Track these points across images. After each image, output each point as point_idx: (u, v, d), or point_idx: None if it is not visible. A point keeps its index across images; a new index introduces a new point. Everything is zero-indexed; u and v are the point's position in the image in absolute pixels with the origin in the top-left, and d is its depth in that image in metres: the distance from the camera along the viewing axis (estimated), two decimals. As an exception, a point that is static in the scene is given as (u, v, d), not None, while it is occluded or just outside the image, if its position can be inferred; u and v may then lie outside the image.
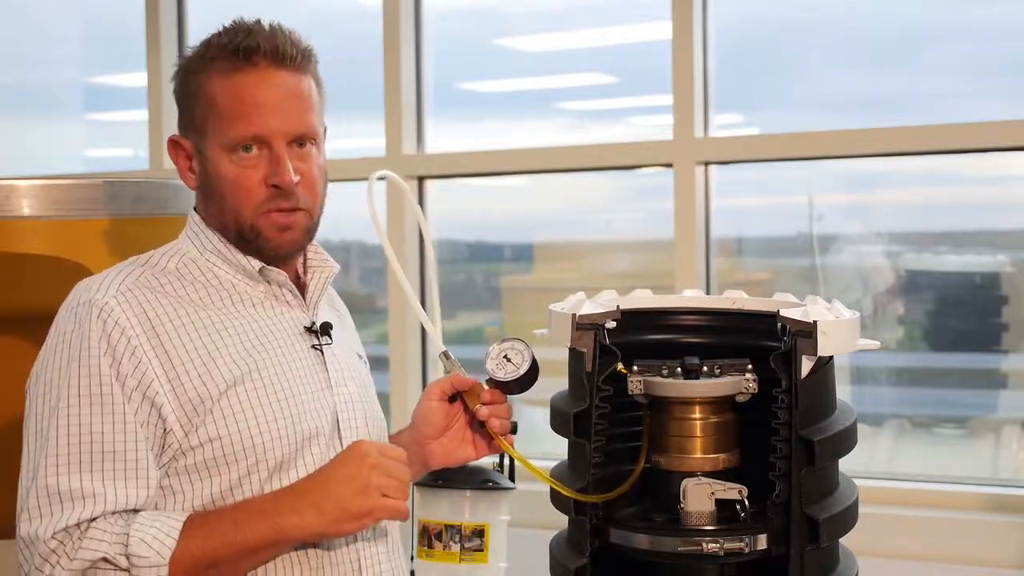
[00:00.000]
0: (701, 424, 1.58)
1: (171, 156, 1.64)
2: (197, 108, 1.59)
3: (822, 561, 1.54)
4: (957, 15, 3.23)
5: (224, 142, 1.56)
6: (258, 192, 1.56)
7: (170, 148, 1.64)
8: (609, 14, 3.66)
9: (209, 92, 1.57)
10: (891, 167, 3.23)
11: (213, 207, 1.60)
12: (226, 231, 1.60)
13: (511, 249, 4.10)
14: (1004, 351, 3.26)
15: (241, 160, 1.56)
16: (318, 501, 1.45)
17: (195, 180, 1.63)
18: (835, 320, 1.53)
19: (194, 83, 1.59)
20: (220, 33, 1.60)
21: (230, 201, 1.57)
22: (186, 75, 1.61)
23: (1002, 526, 2.86)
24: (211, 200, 1.60)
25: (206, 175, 1.60)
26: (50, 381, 1.50)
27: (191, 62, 1.61)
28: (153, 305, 1.53)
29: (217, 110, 1.56)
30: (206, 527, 1.44)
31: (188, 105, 1.61)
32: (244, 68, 1.55)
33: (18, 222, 2.00)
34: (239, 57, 1.55)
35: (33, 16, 4.68)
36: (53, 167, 4.59)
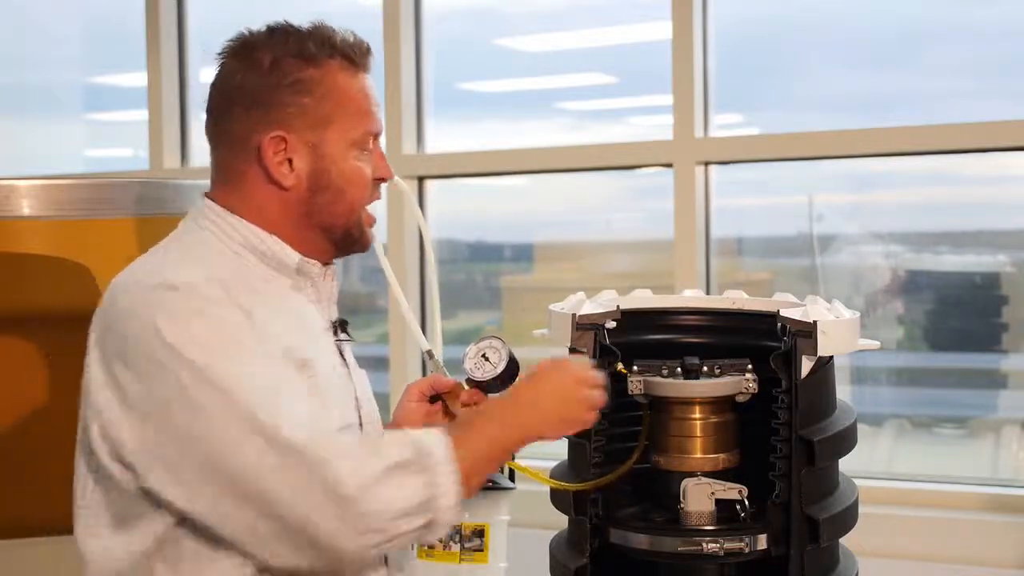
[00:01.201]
0: (701, 424, 1.59)
1: (269, 152, 1.54)
2: (317, 104, 1.54)
3: (822, 561, 1.54)
4: (957, 15, 3.23)
5: (354, 138, 1.56)
6: (369, 187, 1.60)
7: (269, 144, 1.54)
8: (609, 14, 3.66)
9: (335, 90, 1.55)
10: (891, 167, 3.23)
11: (325, 204, 1.56)
12: (330, 228, 1.58)
13: (511, 249, 4.10)
14: (1004, 351, 3.26)
15: (361, 157, 1.58)
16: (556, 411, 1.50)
17: (294, 177, 1.55)
18: (835, 320, 1.53)
19: (311, 77, 1.54)
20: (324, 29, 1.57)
21: (350, 196, 1.57)
22: (298, 65, 1.54)
23: (1002, 526, 2.86)
24: (324, 197, 1.56)
25: (323, 172, 1.56)
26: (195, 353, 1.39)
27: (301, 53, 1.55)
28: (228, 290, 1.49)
29: (348, 105, 1.56)
30: (467, 433, 1.45)
31: (299, 99, 1.54)
32: (362, 70, 1.58)
33: (18, 222, 2.00)
34: (355, 60, 1.57)
35: (33, 16, 4.68)
36: (53, 167, 4.59)
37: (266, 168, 1.54)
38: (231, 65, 1.56)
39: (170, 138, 4.02)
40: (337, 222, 1.58)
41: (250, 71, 1.54)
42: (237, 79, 1.54)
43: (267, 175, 1.54)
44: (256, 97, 1.53)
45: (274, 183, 1.55)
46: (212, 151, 1.60)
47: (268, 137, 1.53)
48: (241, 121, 1.54)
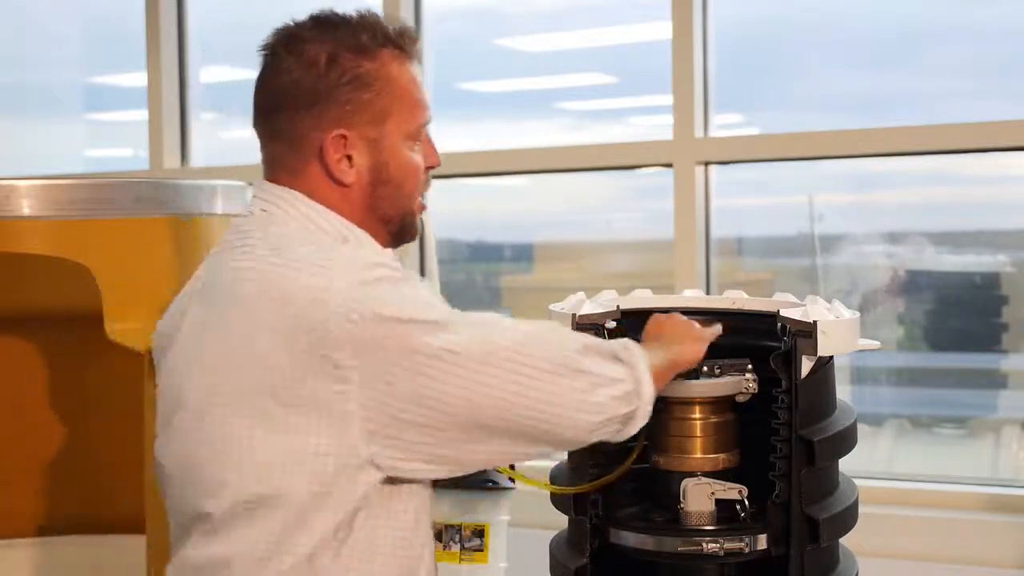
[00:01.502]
0: (701, 424, 1.59)
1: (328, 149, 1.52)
2: (376, 98, 1.52)
3: (822, 561, 1.54)
4: (957, 15, 3.23)
5: (410, 130, 1.56)
6: (423, 176, 1.61)
7: (331, 144, 1.52)
8: (609, 14, 3.66)
9: (392, 82, 1.53)
10: (891, 167, 3.23)
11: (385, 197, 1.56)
12: (387, 220, 1.57)
13: (511, 249, 4.10)
14: (1004, 351, 3.26)
15: (414, 148, 1.58)
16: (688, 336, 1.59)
17: (355, 173, 1.54)
18: (835, 320, 1.53)
19: (368, 71, 1.52)
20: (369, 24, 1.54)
21: (407, 188, 1.58)
22: (355, 59, 1.52)
23: (1002, 526, 2.86)
24: (385, 190, 1.56)
25: (382, 166, 1.55)
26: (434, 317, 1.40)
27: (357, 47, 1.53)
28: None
29: (405, 97, 1.54)
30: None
31: (358, 95, 1.52)
32: (410, 60, 1.56)
33: (18, 222, 2.00)
34: (406, 49, 1.55)
35: (33, 16, 4.68)
36: (53, 167, 4.59)
37: (327, 166, 1.52)
38: (284, 61, 1.52)
39: (170, 138, 4.02)
40: (396, 214, 1.58)
41: (305, 68, 1.51)
42: (293, 76, 1.51)
43: (327, 172, 1.52)
44: (315, 96, 1.51)
45: (335, 180, 1.53)
46: (265, 145, 1.57)
47: (330, 137, 1.51)
48: (300, 120, 1.51)
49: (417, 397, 1.36)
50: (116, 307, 1.99)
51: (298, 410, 1.36)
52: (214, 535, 1.41)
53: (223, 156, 4.09)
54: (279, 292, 1.39)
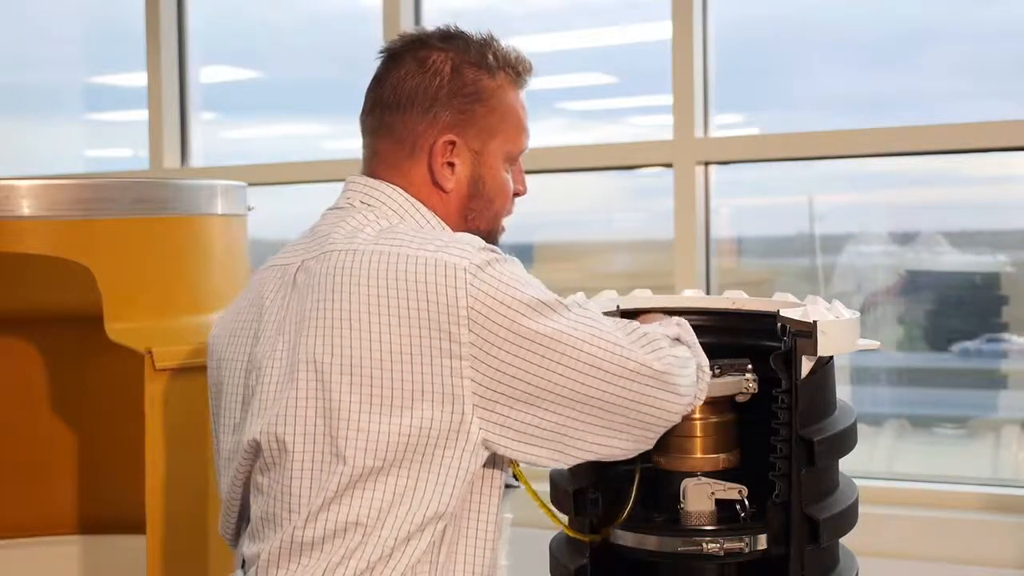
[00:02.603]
0: (701, 424, 1.59)
1: (436, 152, 1.58)
2: (488, 113, 1.60)
3: (822, 561, 1.54)
4: (957, 15, 3.23)
5: (511, 152, 1.64)
6: (511, 200, 1.69)
7: (440, 148, 1.58)
8: (609, 14, 3.65)
9: (508, 100, 1.62)
10: (891, 167, 3.23)
11: (478, 209, 1.63)
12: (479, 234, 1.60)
13: (511, 249, 4.09)
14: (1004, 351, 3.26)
15: (510, 170, 1.66)
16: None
17: (454, 181, 1.60)
18: (835, 320, 1.53)
19: (487, 87, 1.60)
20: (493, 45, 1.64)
21: (497, 205, 1.66)
22: (477, 74, 1.60)
23: (1002, 526, 2.86)
24: (478, 203, 1.63)
25: (480, 180, 1.62)
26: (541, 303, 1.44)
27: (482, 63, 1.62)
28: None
29: (512, 119, 1.63)
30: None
31: (471, 106, 1.59)
32: (520, 88, 1.65)
33: (18, 222, 2.00)
34: (521, 77, 1.65)
35: (33, 16, 4.68)
36: (53, 167, 4.59)
37: (432, 169, 1.58)
38: (408, 65, 1.60)
39: (170, 138, 4.02)
40: (484, 228, 1.65)
41: (430, 74, 1.59)
42: (416, 79, 1.58)
43: (431, 175, 1.58)
44: (435, 100, 1.58)
45: (436, 184, 1.59)
46: (373, 141, 1.62)
47: (442, 140, 1.57)
48: (416, 121, 1.58)
49: (523, 375, 1.40)
50: (116, 307, 2.00)
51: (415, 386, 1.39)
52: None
53: (223, 156, 4.10)
54: (397, 268, 1.43)
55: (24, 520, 2.46)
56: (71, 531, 2.46)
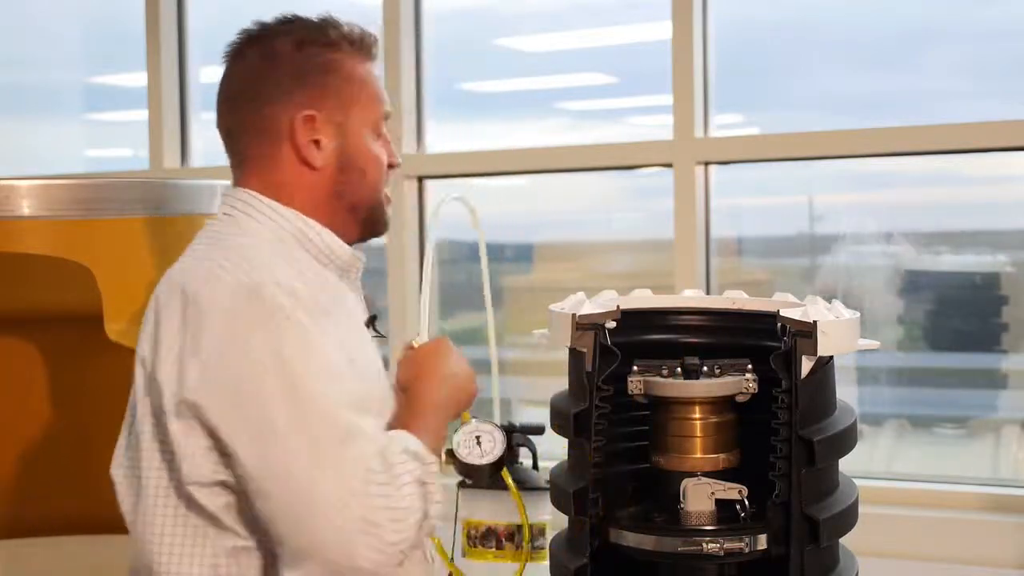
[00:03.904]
0: (701, 424, 1.59)
1: (298, 130, 1.56)
2: (343, 84, 1.59)
3: (822, 561, 1.54)
4: (957, 15, 3.23)
5: (372, 119, 1.61)
6: (384, 171, 1.65)
7: (300, 125, 1.56)
8: (609, 14, 3.65)
9: (353, 74, 1.60)
10: (891, 167, 3.23)
11: (352, 183, 1.60)
12: (355, 208, 1.61)
13: (511, 249, 4.09)
14: (1004, 351, 3.26)
15: (377, 144, 1.63)
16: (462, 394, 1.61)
17: (323, 158, 1.58)
18: (835, 320, 1.53)
19: (334, 59, 1.59)
20: (331, 23, 1.61)
21: (372, 177, 1.62)
22: (321, 49, 1.58)
23: (1002, 526, 2.86)
24: (351, 176, 1.60)
25: (348, 153, 1.59)
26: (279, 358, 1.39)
27: (327, 40, 1.59)
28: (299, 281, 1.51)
29: (367, 89, 1.61)
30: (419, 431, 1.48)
31: (324, 79, 1.58)
32: (370, 61, 1.64)
33: (18, 222, 2.00)
34: (368, 50, 1.63)
35: (33, 16, 4.67)
36: (53, 167, 4.59)
37: (297, 148, 1.56)
38: (251, 54, 1.59)
39: (170, 138, 4.02)
40: (364, 202, 1.62)
41: (275, 57, 1.57)
42: (263, 66, 1.57)
43: (298, 156, 1.57)
44: (285, 79, 1.56)
45: (305, 164, 1.57)
46: (234, 143, 1.62)
47: (299, 117, 1.55)
48: (269, 105, 1.56)
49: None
50: (116, 307, 1.99)
51: None
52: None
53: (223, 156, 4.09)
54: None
55: (24, 520, 2.46)
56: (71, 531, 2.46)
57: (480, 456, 1.63)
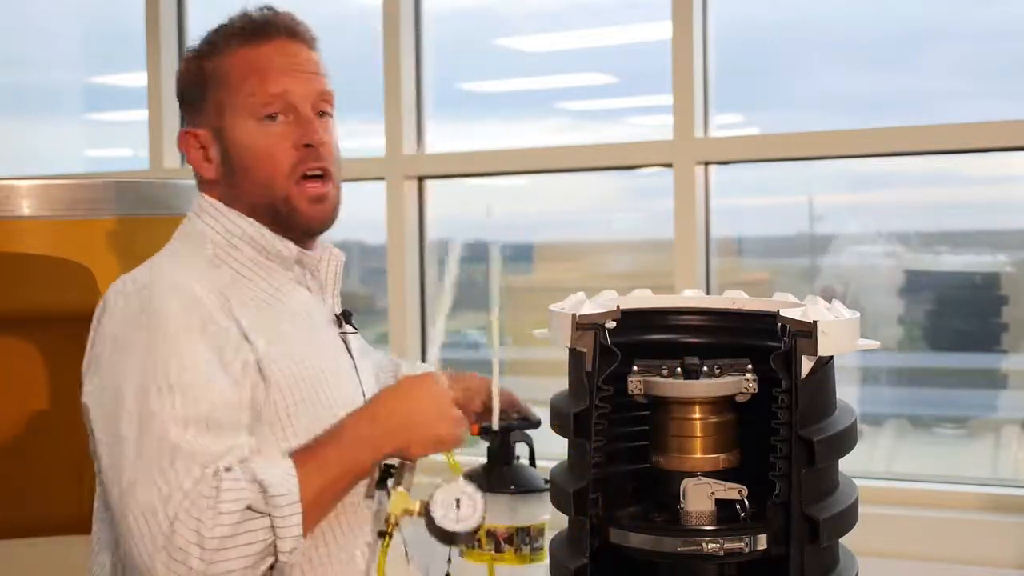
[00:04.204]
0: (701, 424, 1.58)
1: (183, 150, 1.61)
2: (213, 91, 1.58)
3: (822, 561, 1.54)
4: (957, 15, 3.23)
5: (248, 110, 1.56)
6: (287, 157, 1.56)
7: (181, 142, 1.60)
8: (609, 14, 3.65)
9: (224, 70, 1.57)
10: (891, 167, 3.23)
11: (241, 187, 1.57)
12: (257, 210, 1.57)
13: (511, 249, 4.10)
14: (1004, 351, 3.26)
15: (267, 130, 1.56)
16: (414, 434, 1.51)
17: (214, 168, 1.59)
18: (835, 320, 1.53)
19: (205, 67, 1.58)
20: (232, 18, 1.61)
21: (261, 172, 1.56)
22: (200, 62, 1.59)
23: (1002, 526, 2.86)
24: (238, 180, 1.57)
25: (229, 156, 1.57)
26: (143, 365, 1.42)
27: (203, 49, 1.60)
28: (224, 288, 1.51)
29: (232, 83, 1.56)
30: (315, 461, 1.44)
31: (202, 92, 1.59)
32: (259, 41, 1.58)
33: (18, 222, 2.00)
34: (256, 33, 1.58)
35: (33, 16, 4.67)
36: (53, 167, 4.59)
37: (192, 165, 1.60)
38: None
39: (170, 138, 4.01)
40: (258, 201, 1.57)
41: (179, 76, 1.62)
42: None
43: (196, 172, 1.61)
44: (181, 99, 1.62)
45: (203, 179, 1.60)
46: None
47: (180, 136, 1.60)
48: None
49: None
50: (116, 307, 1.99)
51: None
52: None
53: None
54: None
55: (24, 520, 2.46)
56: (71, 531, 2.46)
57: (455, 521, 1.49)
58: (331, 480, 1.44)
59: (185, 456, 1.37)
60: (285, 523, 1.38)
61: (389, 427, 1.50)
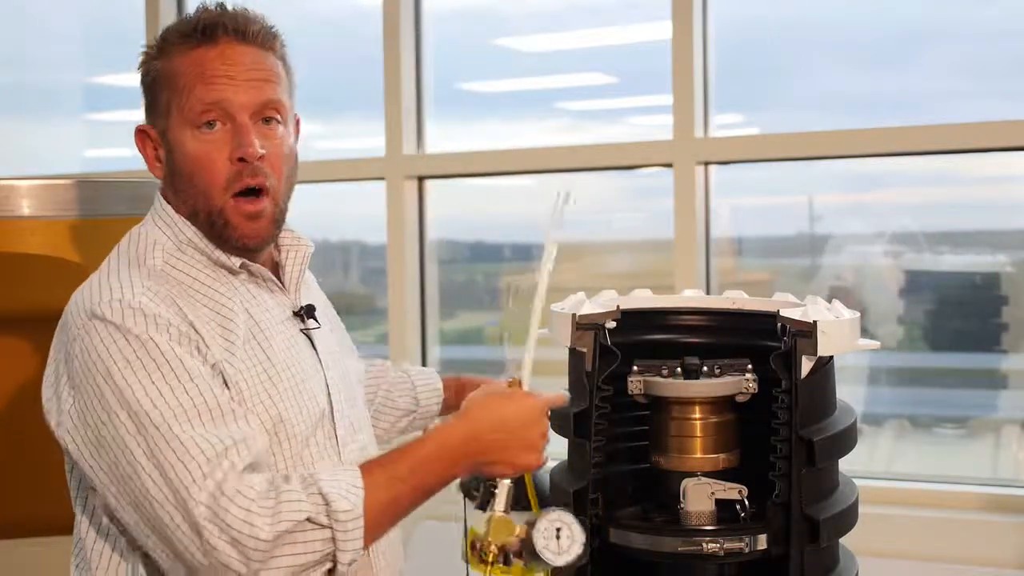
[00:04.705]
0: (701, 424, 1.58)
1: (139, 148, 1.60)
2: (160, 91, 1.56)
3: (822, 561, 1.54)
4: (957, 15, 3.23)
5: (187, 117, 1.52)
6: (224, 169, 1.52)
7: (137, 139, 1.60)
8: (609, 14, 3.66)
9: (170, 71, 1.55)
10: (891, 167, 3.23)
11: (183, 193, 1.56)
12: (196, 218, 1.56)
13: (511, 249, 4.09)
14: (1004, 351, 3.26)
15: (205, 137, 1.52)
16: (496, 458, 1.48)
17: (163, 168, 1.58)
18: (835, 320, 1.53)
19: (156, 68, 1.57)
20: (184, 17, 1.59)
21: (197, 182, 1.53)
22: (149, 62, 1.58)
23: (1002, 526, 2.86)
24: (179, 185, 1.56)
25: (172, 159, 1.56)
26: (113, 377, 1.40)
27: (153, 50, 1.59)
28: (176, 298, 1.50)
29: (178, 86, 1.53)
30: (383, 475, 1.42)
31: (153, 91, 1.58)
32: (205, 44, 1.54)
33: (18, 222, 2.00)
34: (200, 34, 1.54)
35: (33, 16, 4.68)
36: (53, 167, 4.59)
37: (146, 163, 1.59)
38: None
39: (170, 138, 4.01)
40: (197, 209, 1.55)
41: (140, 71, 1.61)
42: None
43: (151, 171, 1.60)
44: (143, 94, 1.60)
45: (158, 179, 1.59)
46: None
47: (136, 129, 1.59)
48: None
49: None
50: (116, 307, 1.99)
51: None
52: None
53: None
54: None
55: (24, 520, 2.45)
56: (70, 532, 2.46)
57: (556, 553, 1.47)
58: (400, 495, 1.43)
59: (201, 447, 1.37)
60: (346, 537, 1.37)
61: (466, 453, 1.48)
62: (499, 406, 1.51)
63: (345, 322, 1.87)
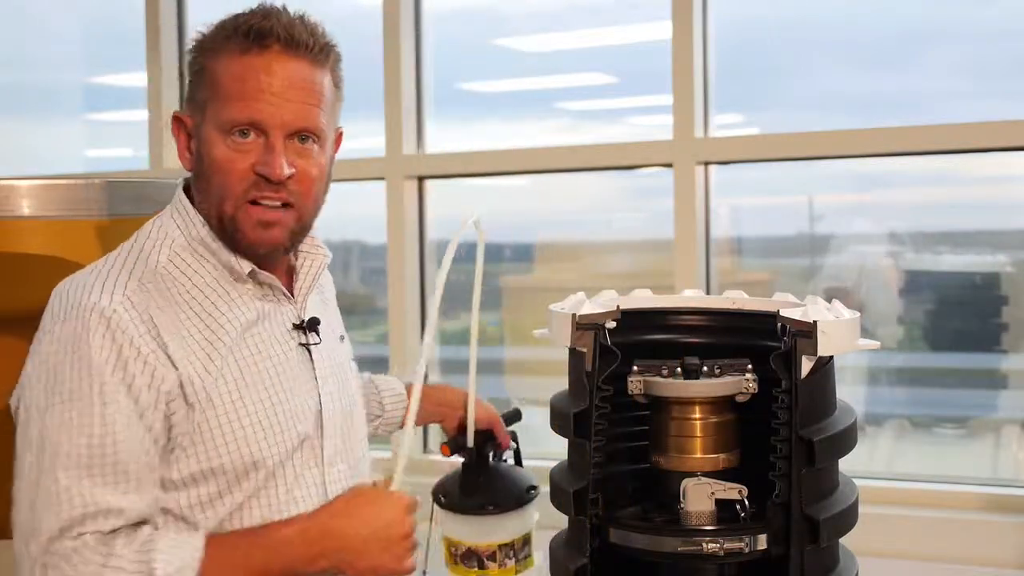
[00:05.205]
0: (701, 424, 1.58)
1: (173, 133, 1.59)
2: (201, 86, 1.55)
3: (822, 561, 1.54)
4: (957, 15, 3.23)
5: (221, 123, 1.51)
6: (244, 178, 1.51)
7: (173, 124, 1.59)
8: (609, 14, 3.65)
9: (215, 71, 1.53)
10: (891, 167, 3.23)
11: (203, 191, 1.56)
12: (211, 219, 1.55)
13: (511, 249, 4.09)
14: (1004, 351, 3.26)
15: (235, 144, 1.51)
16: (352, 558, 1.47)
17: (191, 161, 1.58)
18: (835, 320, 1.53)
19: (202, 60, 1.55)
20: (240, 13, 1.55)
21: (217, 185, 1.52)
22: (199, 52, 1.56)
23: (1002, 526, 2.86)
24: (202, 183, 1.56)
25: (199, 156, 1.55)
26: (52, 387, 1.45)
27: (206, 39, 1.56)
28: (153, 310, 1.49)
29: (219, 90, 1.52)
30: (231, 555, 1.43)
31: (195, 82, 1.57)
32: (254, 50, 1.50)
33: (18, 222, 2.00)
34: (251, 39, 1.50)
35: (33, 15, 4.67)
36: (53, 167, 4.59)
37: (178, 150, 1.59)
38: None
39: (170, 138, 4.01)
40: (212, 211, 1.55)
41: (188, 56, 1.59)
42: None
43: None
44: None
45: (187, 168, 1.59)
46: None
47: (173, 116, 1.59)
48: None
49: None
50: (116, 307, 1.99)
51: None
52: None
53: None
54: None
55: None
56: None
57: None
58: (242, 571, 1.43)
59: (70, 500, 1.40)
60: None
61: (323, 548, 1.46)
62: (362, 503, 1.50)
63: (345, 322, 1.87)
